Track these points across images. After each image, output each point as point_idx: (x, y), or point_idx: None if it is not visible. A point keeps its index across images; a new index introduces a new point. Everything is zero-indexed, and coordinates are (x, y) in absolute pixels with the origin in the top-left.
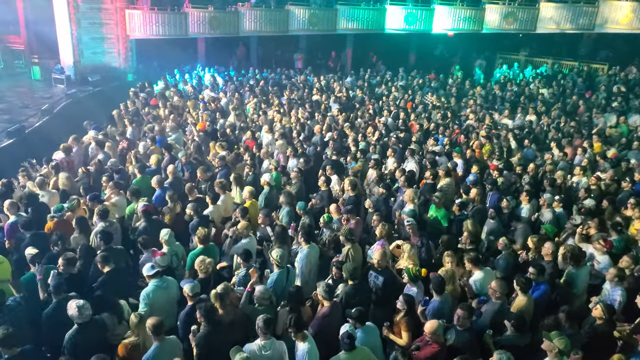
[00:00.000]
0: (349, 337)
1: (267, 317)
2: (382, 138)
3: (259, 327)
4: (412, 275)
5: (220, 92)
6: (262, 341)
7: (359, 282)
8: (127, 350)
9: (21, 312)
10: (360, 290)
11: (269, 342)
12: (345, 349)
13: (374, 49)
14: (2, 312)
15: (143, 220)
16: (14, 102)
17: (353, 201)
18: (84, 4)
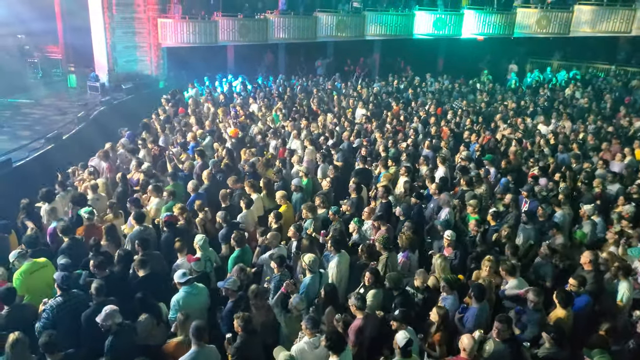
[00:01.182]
0: (408, 344)
1: (313, 316)
2: (412, 144)
3: (306, 326)
4: (451, 282)
5: (249, 99)
6: (310, 338)
7: (402, 291)
8: (175, 349)
9: (64, 314)
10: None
11: (317, 339)
12: (405, 355)
13: (402, 54)
14: (46, 314)
15: (167, 230)
16: (52, 109)
17: (384, 208)
18: (118, 13)
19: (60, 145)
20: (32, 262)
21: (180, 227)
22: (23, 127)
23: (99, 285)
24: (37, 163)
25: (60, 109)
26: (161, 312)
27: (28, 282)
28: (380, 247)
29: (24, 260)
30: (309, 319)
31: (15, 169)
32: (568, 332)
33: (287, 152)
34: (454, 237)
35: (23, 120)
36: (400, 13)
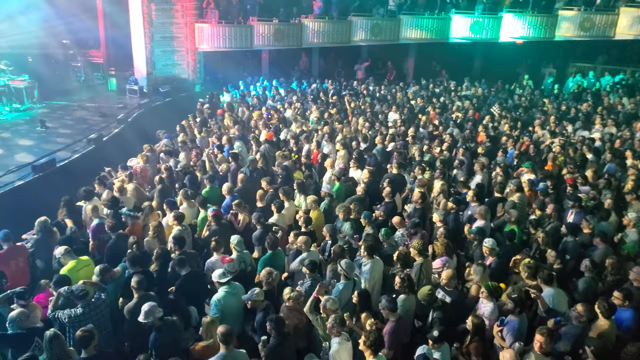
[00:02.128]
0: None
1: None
2: (448, 150)
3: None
4: (492, 289)
5: (283, 102)
6: (337, 337)
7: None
8: (203, 351)
9: (105, 310)
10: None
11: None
12: None
13: (438, 57)
14: (88, 309)
15: (214, 223)
16: (93, 111)
17: (420, 214)
18: (157, 19)
19: (101, 147)
20: (78, 259)
21: (227, 223)
22: (66, 129)
23: (140, 279)
24: (79, 163)
25: (101, 111)
26: (190, 316)
27: (75, 278)
28: (415, 253)
29: (69, 258)
30: (336, 318)
31: (59, 169)
32: (610, 346)
33: (320, 156)
34: (495, 245)
35: (66, 122)
36: (436, 17)
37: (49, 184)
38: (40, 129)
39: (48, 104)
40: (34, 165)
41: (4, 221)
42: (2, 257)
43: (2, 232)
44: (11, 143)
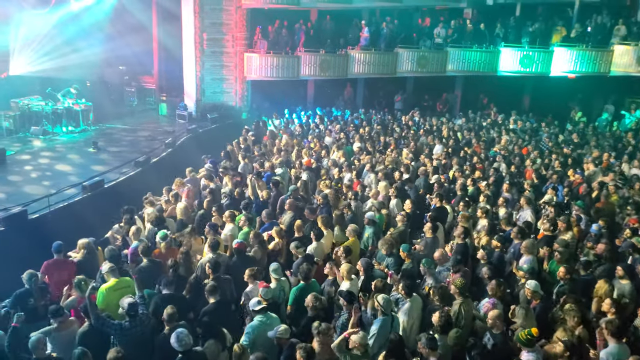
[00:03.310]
0: None
1: None
2: (493, 184)
3: None
4: (525, 340)
5: (325, 131)
6: None
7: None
8: None
9: (147, 324)
10: None
11: None
12: None
13: (485, 90)
14: (135, 323)
15: (235, 257)
16: (143, 135)
17: (461, 250)
18: (208, 48)
19: (148, 169)
20: (119, 279)
21: (250, 255)
22: (116, 151)
23: (172, 312)
24: (126, 184)
25: (151, 135)
26: (225, 338)
27: (110, 297)
28: (455, 291)
29: (112, 276)
30: None
31: (107, 189)
32: None
33: (360, 186)
34: (538, 288)
35: (117, 144)
36: (484, 50)
37: (97, 204)
38: (93, 150)
39: (101, 127)
40: (84, 185)
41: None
42: (48, 266)
43: (56, 244)
44: (65, 163)
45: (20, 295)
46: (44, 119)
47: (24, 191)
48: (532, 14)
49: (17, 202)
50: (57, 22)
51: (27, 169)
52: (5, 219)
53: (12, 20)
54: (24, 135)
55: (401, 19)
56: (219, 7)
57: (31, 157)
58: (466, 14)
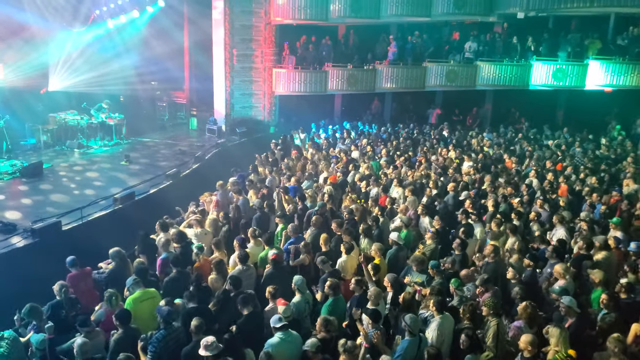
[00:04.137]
0: None
1: None
2: (526, 201)
3: None
4: None
5: (352, 145)
6: None
7: None
8: None
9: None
10: None
11: None
12: None
13: (517, 104)
14: (152, 347)
15: (271, 267)
16: (174, 148)
17: (491, 269)
18: (238, 63)
19: (178, 182)
20: (144, 291)
21: (285, 266)
22: (148, 164)
23: (199, 323)
24: (156, 197)
25: (181, 149)
26: (245, 356)
27: (137, 309)
28: (487, 312)
29: (137, 288)
30: None
31: (137, 202)
32: None
33: (388, 201)
34: (573, 303)
35: (148, 158)
36: (515, 63)
37: (128, 216)
38: (125, 163)
39: (134, 140)
40: (115, 197)
41: (87, 248)
42: (74, 278)
43: (70, 259)
44: (98, 175)
45: (54, 306)
46: (79, 132)
47: (59, 203)
48: (565, 27)
49: (51, 213)
50: (93, 40)
51: (62, 181)
52: (40, 230)
53: (52, 39)
54: (60, 148)
55: (430, 33)
56: (249, 23)
57: (66, 169)
58: (497, 28)
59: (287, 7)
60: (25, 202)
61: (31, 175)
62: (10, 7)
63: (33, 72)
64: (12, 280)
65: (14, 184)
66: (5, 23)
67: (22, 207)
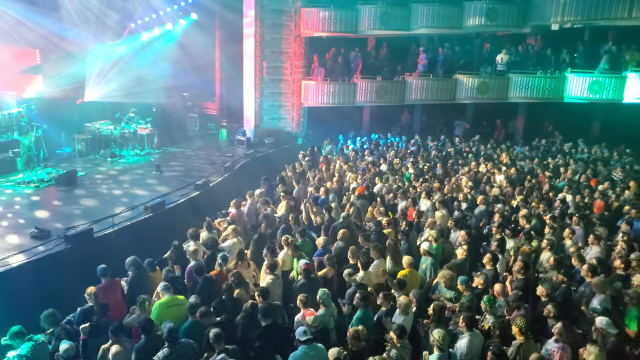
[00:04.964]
0: None
1: None
2: (559, 217)
3: None
4: None
5: (381, 157)
6: None
7: None
8: None
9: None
10: None
11: None
12: None
13: (550, 117)
14: (175, 349)
15: (302, 277)
16: (203, 158)
17: (522, 286)
18: (268, 76)
19: (207, 192)
20: (172, 297)
21: (316, 277)
22: (178, 173)
23: (217, 334)
24: (186, 206)
25: (210, 159)
26: None
27: (163, 314)
28: (517, 331)
29: (166, 293)
30: None
31: (168, 210)
32: None
33: (416, 214)
34: (610, 325)
35: (179, 167)
36: (549, 75)
37: (158, 224)
38: (155, 172)
39: (165, 150)
40: (146, 206)
41: (118, 255)
42: (104, 289)
43: (101, 268)
44: (129, 184)
45: (85, 311)
46: (113, 142)
47: (91, 210)
48: (602, 38)
49: (84, 220)
50: (128, 52)
51: (95, 189)
52: (72, 237)
53: (89, 52)
54: (94, 157)
55: (461, 45)
56: (279, 36)
57: (99, 178)
58: (530, 40)
59: (317, 20)
60: (59, 209)
61: (65, 183)
62: (50, 22)
63: (70, 84)
64: (46, 285)
65: (49, 191)
66: (46, 37)
67: (56, 214)
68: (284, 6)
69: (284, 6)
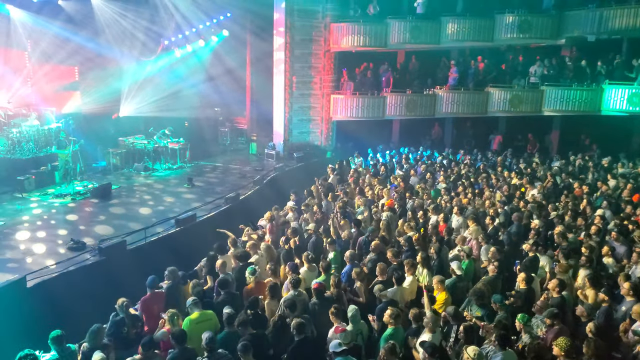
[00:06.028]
0: None
1: None
2: (599, 234)
3: None
4: None
5: (411, 171)
6: None
7: None
8: None
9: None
10: None
11: None
12: None
13: (587, 130)
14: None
15: (315, 298)
16: (234, 172)
17: (557, 304)
18: (297, 90)
19: (237, 205)
20: (201, 312)
21: (330, 297)
22: (209, 187)
23: (244, 346)
24: (216, 219)
25: (241, 172)
26: None
27: (192, 330)
28: (559, 352)
29: (195, 309)
30: None
31: (198, 224)
32: None
33: (446, 230)
34: None
35: (210, 181)
36: (585, 88)
37: (189, 237)
38: (187, 185)
39: (196, 164)
40: (177, 219)
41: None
42: (147, 301)
43: (150, 278)
44: (161, 197)
45: (116, 322)
46: (146, 156)
47: (124, 223)
48: None
49: (117, 233)
50: (161, 68)
51: (128, 202)
52: (106, 249)
53: (125, 68)
54: (128, 170)
55: (492, 57)
56: (308, 51)
57: (132, 191)
58: (565, 52)
59: (347, 34)
60: (94, 221)
61: (100, 196)
62: (88, 41)
63: (106, 99)
64: (81, 296)
65: (85, 204)
66: (84, 54)
67: (91, 226)
68: (313, 22)
69: (314, 22)
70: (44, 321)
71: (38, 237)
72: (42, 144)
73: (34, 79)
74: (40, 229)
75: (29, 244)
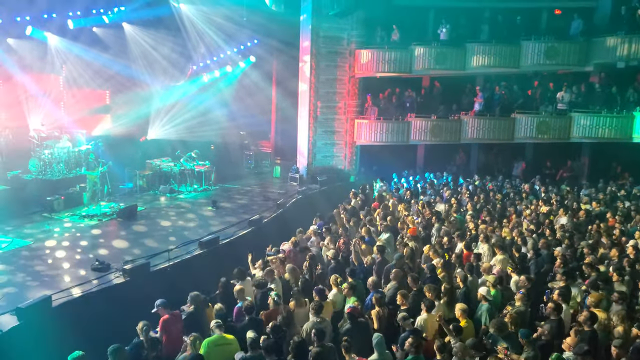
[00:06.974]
0: None
1: None
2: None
3: None
4: None
5: (436, 197)
6: None
7: None
8: None
9: None
10: None
11: None
12: None
13: (618, 158)
14: None
15: (348, 322)
16: (257, 195)
17: (588, 338)
18: (322, 115)
19: (260, 228)
20: (221, 335)
21: (362, 321)
22: (232, 210)
23: None
24: (239, 242)
25: (264, 195)
26: None
27: (212, 352)
28: None
29: (216, 331)
30: None
31: (221, 246)
32: None
33: (473, 257)
34: None
35: (234, 204)
36: (615, 114)
37: (211, 260)
38: (211, 208)
39: (221, 187)
40: (201, 242)
41: (173, 289)
42: (168, 323)
43: (161, 301)
44: (186, 219)
45: (136, 345)
46: (172, 178)
47: (148, 244)
48: None
49: (141, 254)
50: (189, 92)
51: (154, 223)
52: (130, 270)
53: (154, 92)
54: (154, 192)
55: (519, 83)
56: (333, 77)
57: (158, 213)
58: (593, 78)
59: (372, 61)
60: (119, 242)
61: (126, 217)
62: (120, 66)
63: (135, 122)
64: (104, 317)
65: (111, 225)
66: (115, 79)
67: (116, 247)
68: (339, 48)
69: (339, 48)
70: (67, 341)
71: (64, 257)
72: (72, 166)
73: (66, 102)
74: (67, 249)
75: (55, 263)
